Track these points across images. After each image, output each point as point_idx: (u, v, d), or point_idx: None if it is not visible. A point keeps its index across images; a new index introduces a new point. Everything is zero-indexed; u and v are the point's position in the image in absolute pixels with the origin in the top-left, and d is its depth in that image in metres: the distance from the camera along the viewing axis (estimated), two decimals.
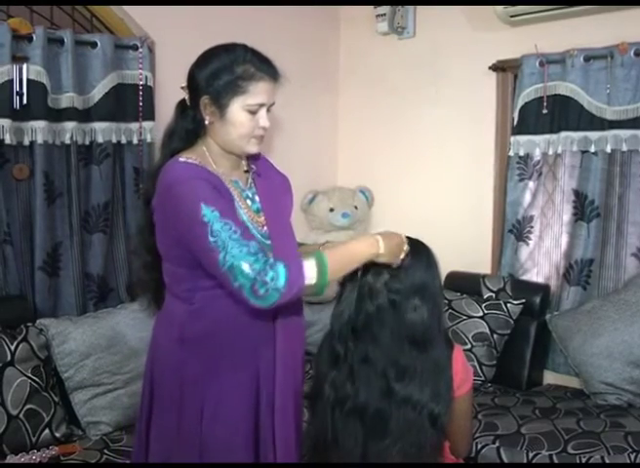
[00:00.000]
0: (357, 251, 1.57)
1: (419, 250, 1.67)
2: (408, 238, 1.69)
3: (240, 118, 1.57)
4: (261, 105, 1.58)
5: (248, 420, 1.60)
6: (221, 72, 1.55)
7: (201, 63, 1.59)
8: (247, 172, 1.72)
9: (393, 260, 1.61)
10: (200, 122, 1.60)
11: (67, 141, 2.59)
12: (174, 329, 1.62)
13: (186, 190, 1.49)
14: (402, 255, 1.62)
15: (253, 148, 1.63)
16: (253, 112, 1.57)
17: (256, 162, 1.77)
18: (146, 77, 2.76)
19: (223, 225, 1.45)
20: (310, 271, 1.46)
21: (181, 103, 1.66)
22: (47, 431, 2.28)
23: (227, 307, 1.57)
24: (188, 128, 1.62)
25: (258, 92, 1.56)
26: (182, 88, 1.63)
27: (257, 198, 1.68)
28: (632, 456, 2.20)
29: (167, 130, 1.69)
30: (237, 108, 1.56)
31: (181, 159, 1.56)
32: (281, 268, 1.43)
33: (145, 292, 1.77)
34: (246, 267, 1.42)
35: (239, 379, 1.59)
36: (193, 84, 1.59)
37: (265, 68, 1.58)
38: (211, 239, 1.44)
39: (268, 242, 1.63)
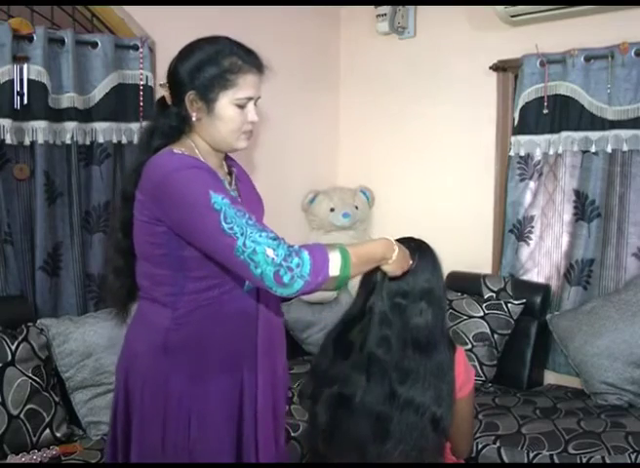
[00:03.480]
0: (375, 250, 1.52)
1: (425, 252, 1.66)
2: (412, 239, 1.69)
3: (229, 113, 1.51)
4: (250, 99, 1.53)
5: (232, 425, 1.55)
6: (206, 65, 1.49)
7: (183, 57, 1.53)
8: (229, 174, 1.67)
9: (395, 271, 1.57)
10: (185, 119, 1.53)
11: (68, 141, 2.60)
12: (155, 335, 1.53)
13: (189, 179, 1.42)
14: (404, 268, 1.59)
15: (242, 144, 1.57)
16: (241, 106, 1.51)
17: (234, 166, 1.72)
18: (147, 77, 2.76)
19: (237, 212, 1.38)
20: (334, 262, 1.39)
21: (161, 101, 1.60)
22: (47, 431, 2.28)
23: (213, 312, 1.52)
24: (172, 124, 1.54)
25: (246, 85, 1.51)
26: (162, 85, 1.57)
27: (239, 200, 1.63)
28: (633, 456, 2.20)
29: (147, 128, 1.61)
30: (226, 103, 1.50)
31: (175, 150, 1.48)
32: (305, 255, 1.36)
33: (114, 298, 1.68)
34: (270, 253, 1.34)
35: (224, 386, 1.54)
36: (176, 79, 1.53)
37: (252, 61, 1.53)
38: (225, 226, 1.36)
39: None
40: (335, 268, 1.39)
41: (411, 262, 1.60)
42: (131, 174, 1.57)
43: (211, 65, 1.49)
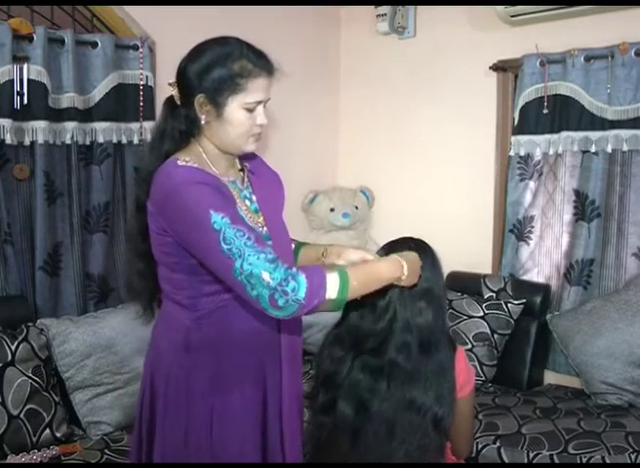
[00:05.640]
0: (381, 272, 1.52)
1: (424, 251, 1.65)
2: (411, 238, 1.68)
3: (238, 117, 1.50)
4: (259, 102, 1.52)
5: (256, 427, 1.57)
6: (216, 67, 1.48)
7: (193, 58, 1.51)
8: (241, 170, 1.67)
9: (411, 282, 1.57)
10: (194, 121, 1.52)
11: (68, 141, 2.60)
12: (178, 334, 1.56)
13: (191, 196, 1.42)
14: (418, 274, 1.59)
15: (251, 147, 1.57)
16: (251, 110, 1.51)
17: (247, 159, 1.71)
18: (147, 77, 2.76)
19: (236, 232, 1.38)
20: (332, 285, 1.40)
21: (170, 101, 1.58)
22: (47, 431, 2.28)
23: (232, 313, 1.53)
24: (181, 128, 1.54)
25: (256, 89, 1.50)
26: (171, 84, 1.56)
27: (254, 197, 1.63)
28: (633, 456, 2.20)
29: (156, 129, 1.61)
30: (235, 107, 1.49)
31: (180, 162, 1.48)
32: (302, 279, 1.37)
33: (139, 299, 1.69)
34: (266, 276, 1.35)
35: (247, 387, 1.56)
36: (185, 81, 1.51)
37: (263, 64, 1.51)
38: (224, 246, 1.37)
39: (270, 243, 1.59)
40: (332, 292, 1.40)
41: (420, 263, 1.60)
42: (142, 183, 1.58)
43: (220, 68, 1.48)
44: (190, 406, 1.53)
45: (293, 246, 1.77)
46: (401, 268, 1.53)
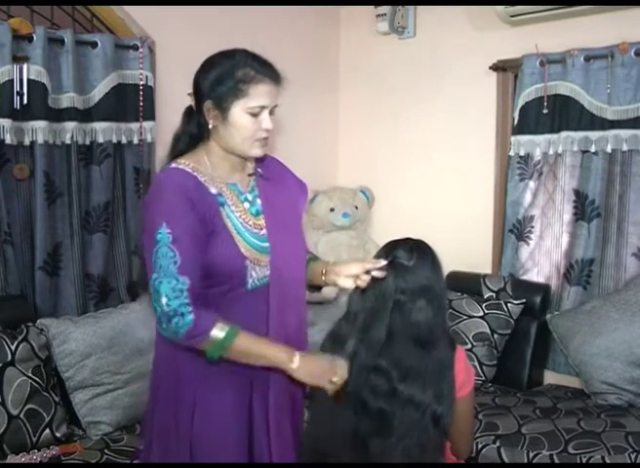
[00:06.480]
0: (270, 352, 1.56)
1: (424, 250, 1.67)
2: (412, 239, 1.69)
3: (242, 121, 1.58)
4: (263, 108, 1.59)
5: (241, 420, 1.61)
6: (223, 78, 1.57)
7: (204, 71, 1.62)
8: (251, 175, 1.72)
9: (311, 382, 1.59)
10: (204, 126, 1.62)
11: (68, 141, 2.60)
12: None
13: (161, 202, 1.54)
14: (334, 380, 1.56)
15: (257, 151, 1.64)
16: (255, 115, 1.58)
17: (263, 164, 1.76)
18: (147, 77, 2.76)
19: (168, 252, 1.49)
20: (212, 338, 1.48)
21: (189, 109, 1.69)
22: (47, 431, 2.28)
23: (222, 309, 1.56)
24: (193, 132, 1.65)
25: (258, 94, 1.57)
26: (189, 94, 1.66)
27: (258, 201, 1.69)
28: (633, 456, 2.20)
29: (174, 135, 1.71)
30: (239, 111, 1.57)
31: (173, 165, 1.59)
32: (189, 320, 1.47)
33: (146, 289, 1.74)
34: (163, 300, 1.47)
35: (232, 379, 1.60)
36: (198, 90, 1.62)
37: (266, 71, 1.59)
38: (154, 258, 1.50)
39: (266, 244, 1.63)
40: (208, 344, 1.49)
41: (336, 379, 1.57)
42: (144, 183, 1.71)
43: (226, 78, 1.57)
44: (178, 392, 1.60)
45: (307, 257, 1.80)
46: (290, 361, 1.55)
